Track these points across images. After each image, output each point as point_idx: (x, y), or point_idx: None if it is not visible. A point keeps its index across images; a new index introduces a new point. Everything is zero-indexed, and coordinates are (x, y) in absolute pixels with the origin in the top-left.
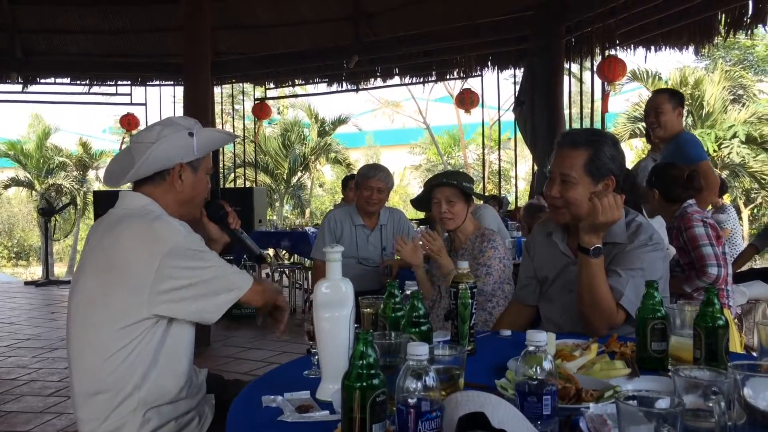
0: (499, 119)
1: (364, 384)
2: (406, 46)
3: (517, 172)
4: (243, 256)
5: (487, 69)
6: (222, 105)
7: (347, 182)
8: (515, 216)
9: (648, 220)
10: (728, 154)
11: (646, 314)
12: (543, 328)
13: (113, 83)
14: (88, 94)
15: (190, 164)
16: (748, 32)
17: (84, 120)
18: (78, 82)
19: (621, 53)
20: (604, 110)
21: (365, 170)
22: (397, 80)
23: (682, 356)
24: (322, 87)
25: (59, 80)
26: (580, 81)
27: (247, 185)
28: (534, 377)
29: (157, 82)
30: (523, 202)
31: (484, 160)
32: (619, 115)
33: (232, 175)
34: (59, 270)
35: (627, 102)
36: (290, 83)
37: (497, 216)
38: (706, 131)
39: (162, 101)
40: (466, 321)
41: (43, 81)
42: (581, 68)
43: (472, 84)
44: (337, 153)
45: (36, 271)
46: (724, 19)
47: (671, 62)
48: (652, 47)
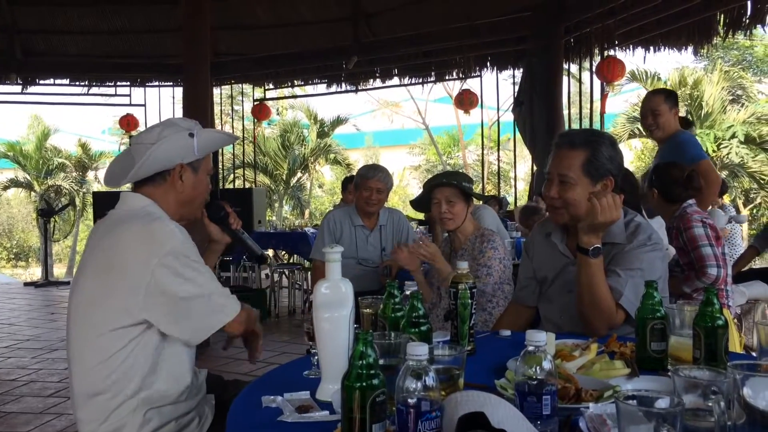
0: (498, 120)
1: (364, 384)
2: (405, 46)
3: (517, 172)
4: (243, 256)
5: (486, 69)
6: (221, 106)
7: (347, 184)
8: (514, 216)
9: (647, 220)
10: (727, 154)
11: (645, 314)
12: (542, 329)
13: (112, 84)
14: (88, 95)
15: (190, 165)
16: (747, 32)
17: (83, 121)
18: (77, 83)
19: (620, 54)
20: (602, 111)
21: (364, 171)
22: (396, 81)
23: (681, 356)
24: (322, 88)
25: (58, 81)
26: (579, 81)
27: (247, 186)
28: (534, 377)
29: (157, 83)
30: (523, 203)
31: (483, 161)
32: (618, 116)
33: (232, 175)
34: (59, 271)
35: (626, 102)
36: (289, 84)
37: (496, 216)
38: (705, 131)
39: (161, 102)
40: (466, 321)
41: (42, 82)
42: (580, 69)
43: (471, 84)
44: (337, 154)
45: (35, 272)
46: (723, 19)
47: (670, 63)
48: (651, 48)
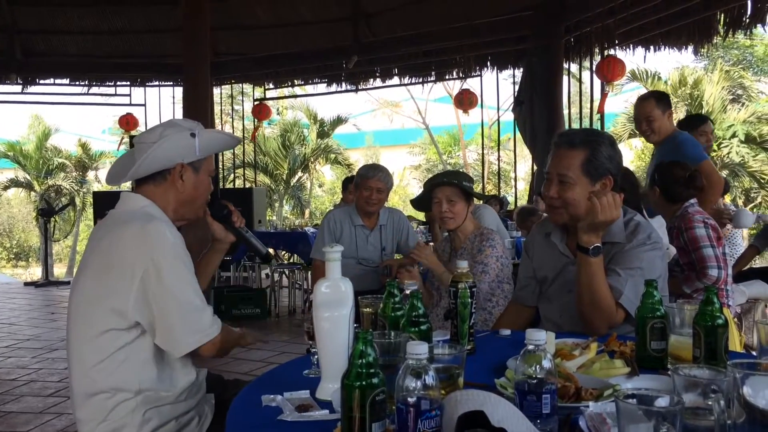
0: (498, 119)
1: (364, 383)
2: (405, 46)
3: (517, 172)
4: (244, 255)
5: (486, 69)
6: (221, 105)
7: (347, 184)
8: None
9: (647, 219)
10: (728, 153)
11: (645, 313)
12: (542, 328)
13: (112, 84)
14: (88, 94)
15: (191, 165)
16: (747, 32)
17: (83, 121)
18: (77, 83)
19: (620, 53)
20: (600, 110)
21: (364, 170)
22: (396, 80)
23: (681, 355)
24: (322, 87)
25: (58, 81)
26: (579, 81)
27: (247, 186)
28: (533, 376)
29: (157, 83)
30: (523, 203)
31: (483, 161)
32: (618, 115)
33: (232, 175)
34: (59, 271)
35: (626, 102)
36: (290, 84)
37: (497, 216)
38: None
39: (161, 102)
40: (466, 320)
41: (42, 82)
42: (580, 68)
43: (471, 84)
44: (337, 154)
45: (36, 272)
46: (723, 18)
47: (670, 62)
48: (652, 47)
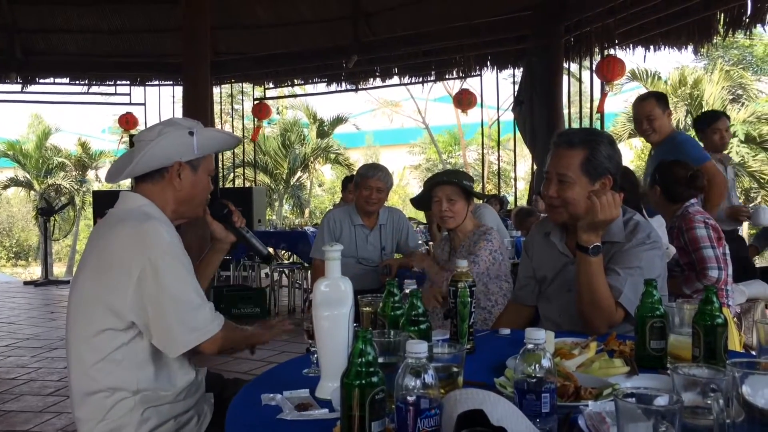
0: (498, 119)
1: (363, 382)
2: (405, 45)
3: (517, 172)
4: (244, 254)
5: (486, 69)
6: (221, 105)
7: (347, 183)
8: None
9: (647, 219)
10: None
11: (645, 312)
12: (542, 328)
13: (112, 83)
14: (88, 93)
15: (189, 163)
16: (747, 32)
17: (83, 120)
18: (77, 82)
19: (620, 53)
20: (599, 110)
21: (364, 170)
22: (396, 80)
23: (680, 354)
24: (322, 87)
25: (58, 80)
26: (579, 81)
27: (247, 185)
28: (533, 375)
29: (157, 82)
30: (523, 202)
31: (483, 160)
32: (618, 115)
33: (232, 174)
34: (58, 270)
35: (626, 102)
36: (289, 83)
37: (497, 215)
38: None
39: (161, 101)
40: (465, 320)
41: (42, 81)
42: (580, 68)
43: (471, 84)
44: (337, 153)
45: (35, 271)
46: (723, 18)
47: (670, 62)
48: (651, 47)
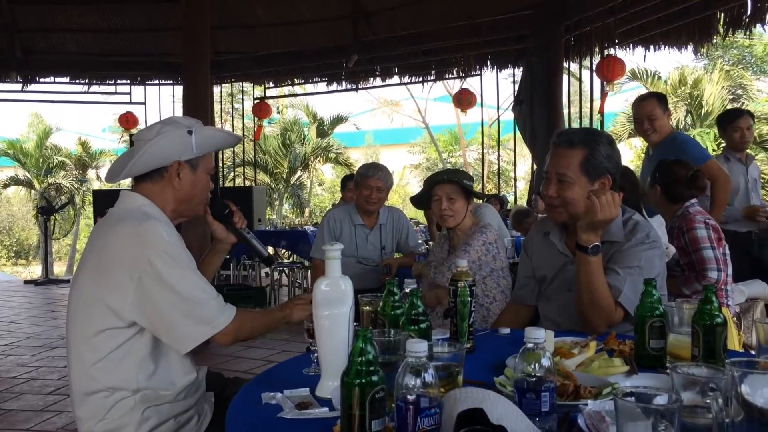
0: (498, 119)
1: (364, 381)
2: (405, 45)
3: (517, 172)
4: (244, 253)
5: (486, 68)
6: (222, 104)
7: (346, 182)
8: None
9: (646, 218)
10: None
11: (644, 312)
12: (542, 327)
13: (113, 82)
14: (88, 93)
15: (188, 162)
16: (747, 32)
17: (84, 119)
18: (77, 81)
19: (620, 52)
20: (600, 110)
21: (364, 169)
22: (396, 79)
23: (680, 354)
24: (322, 86)
25: (59, 79)
26: (579, 80)
27: (247, 184)
28: (532, 374)
29: (157, 81)
30: (523, 202)
31: (483, 160)
32: (618, 115)
33: (232, 174)
34: (59, 269)
35: (626, 102)
36: (290, 82)
37: (498, 215)
38: (705, 131)
39: (161, 100)
40: (465, 319)
41: (42, 80)
42: (580, 67)
43: (472, 83)
44: (338, 153)
45: (35, 270)
46: (723, 18)
47: (670, 62)
48: (651, 46)
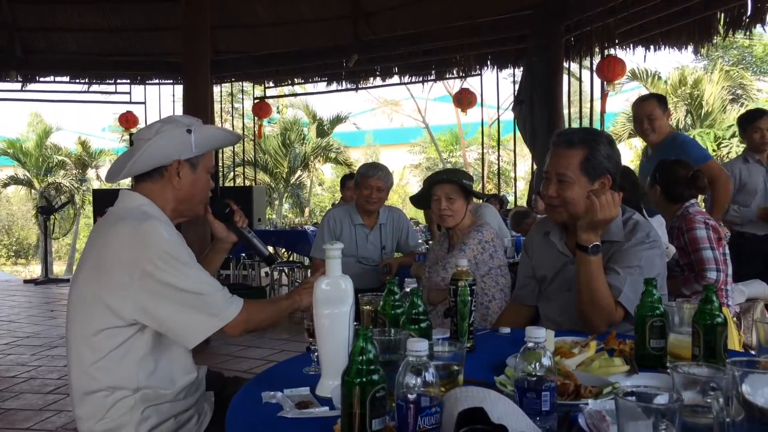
0: (498, 118)
1: (364, 380)
2: (405, 45)
3: (517, 172)
4: (243, 254)
5: (486, 68)
6: (221, 104)
7: (345, 181)
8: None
9: (646, 218)
10: (727, 153)
11: (644, 312)
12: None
13: (113, 82)
14: (88, 92)
15: (188, 161)
16: (747, 32)
17: (84, 119)
18: (77, 81)
19: (620, 52)
20: (602, 111)
21: (365, 169)
22: (396, 79)
23: (680, 354)
24: (322, 86)
25: (58, 78)
26: (579, 80)
27: (247, 184)
28: (533, 373)
29: (157, 81)
30: (523, 202)
31: (483, 160)
32: (618, 115)
33: (232, 173)
34: (58, 268)
35: (627, 102)
36: (290, 82)
37: (498, 215)
38: (705, 131)
39: (161, 100)
40: (465, 318)
41: (42, 79)
42: (580, 67)
43: (472, 83)
44: (338, 153)
45: (35, 270)
46: (723, 18)
47: (670, 62)
48: (652, 47)
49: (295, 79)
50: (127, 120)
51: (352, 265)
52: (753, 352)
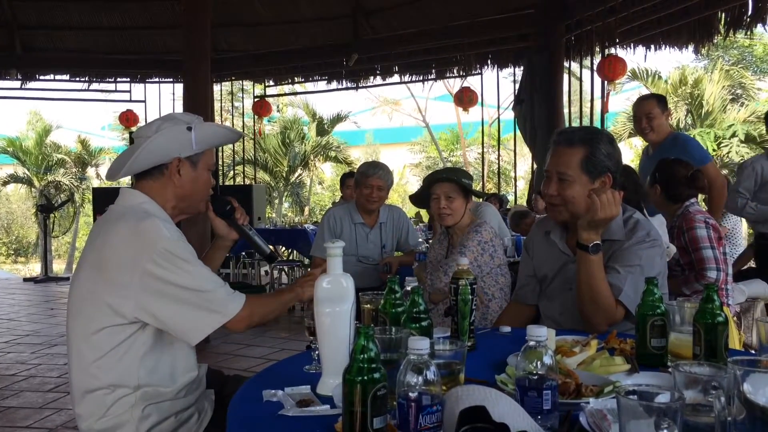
0: (499, 118)
1: (365, 378)
2: (405, 44)
3: (517, 171)
4: (243, 251)
5: (486, 67)
6: (222, 102)
7: (345, 180)
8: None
9: (647, 217)
10: (728, 153)
11: (645, 311)
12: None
13: (113, 80)
14: (88, 90)
15: (188, 159)
16: (748, 31)
17: (83, 117)
18: (77, 79)
19: (621, 52)
20: (604, 110)
21: (365, 168)
22: (396, 78)
23: (681, 353)
24: (322, 85)
25: (58, 77)
26: (580, 80)
27: (247, 183)
28: (534, 372)
29: (157, 79)
30: (523, 201)
31: (483, 159)
32: (618, 114)
33: (232, 172)
34: (58, 266)
35: (627, 101)
36: (290, 81)
37: (497, 214)
38: (705, 130)
39: (162, 98)
40: (466, 317)
41: (42, 77)
42: (581, 67)
43: (472, 82)
44: (338, 151)
45: (35, 268)
46: (723, 18)
47: (671, 62)
48: (652, 46)
49: (296, 78)
50: (127, 118)
51: (353, 263)
52: (753, 352)
